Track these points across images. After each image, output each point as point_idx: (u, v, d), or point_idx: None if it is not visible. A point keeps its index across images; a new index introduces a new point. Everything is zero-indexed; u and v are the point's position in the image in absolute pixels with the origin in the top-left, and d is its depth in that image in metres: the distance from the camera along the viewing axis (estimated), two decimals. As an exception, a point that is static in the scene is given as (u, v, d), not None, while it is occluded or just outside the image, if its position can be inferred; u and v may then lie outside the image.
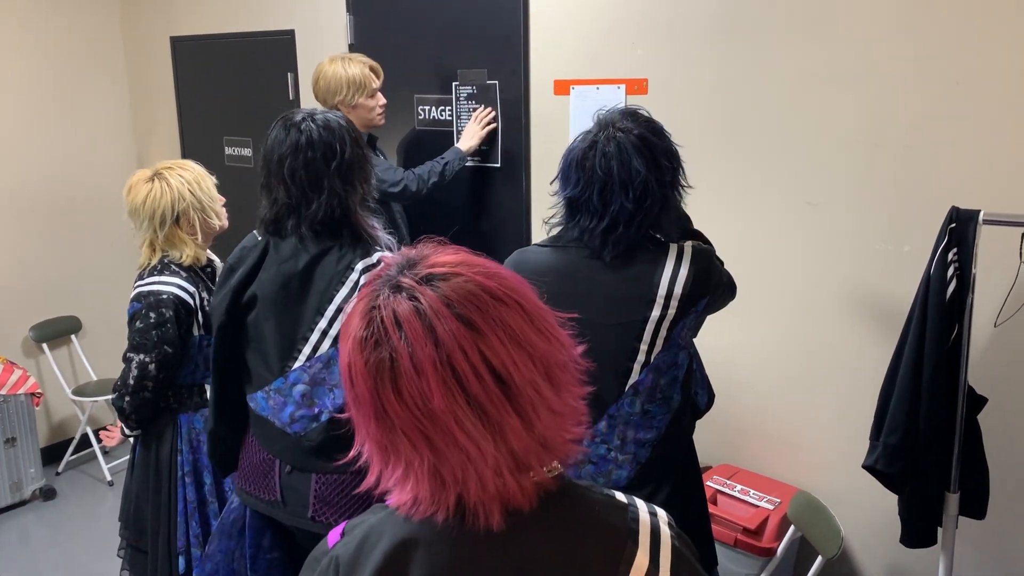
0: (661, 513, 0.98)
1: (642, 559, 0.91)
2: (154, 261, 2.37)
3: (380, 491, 0.92)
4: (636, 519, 0.95)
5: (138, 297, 2.31)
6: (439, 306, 0.84)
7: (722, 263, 1.91)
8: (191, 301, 2.34)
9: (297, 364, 1.94)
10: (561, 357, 0.90)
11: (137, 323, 2.29)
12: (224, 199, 2.51)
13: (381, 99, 3.04)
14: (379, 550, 0.92)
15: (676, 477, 1.90)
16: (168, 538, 2.42)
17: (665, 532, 0.95)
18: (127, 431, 2.43)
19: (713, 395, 2.09)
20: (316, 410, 1.94)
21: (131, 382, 2.29)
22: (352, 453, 0.93)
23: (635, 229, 1.75)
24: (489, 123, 3.15)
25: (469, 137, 3.12)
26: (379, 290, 0.88)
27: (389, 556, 0.91)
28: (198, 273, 2.42)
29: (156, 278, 2.33)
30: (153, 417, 2.40)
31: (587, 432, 0.97)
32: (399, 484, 0.91)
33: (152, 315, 2.27)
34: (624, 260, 1.79)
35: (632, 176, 1.71)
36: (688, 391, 1.90)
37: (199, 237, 2.41)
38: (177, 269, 2.36)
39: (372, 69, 3.00)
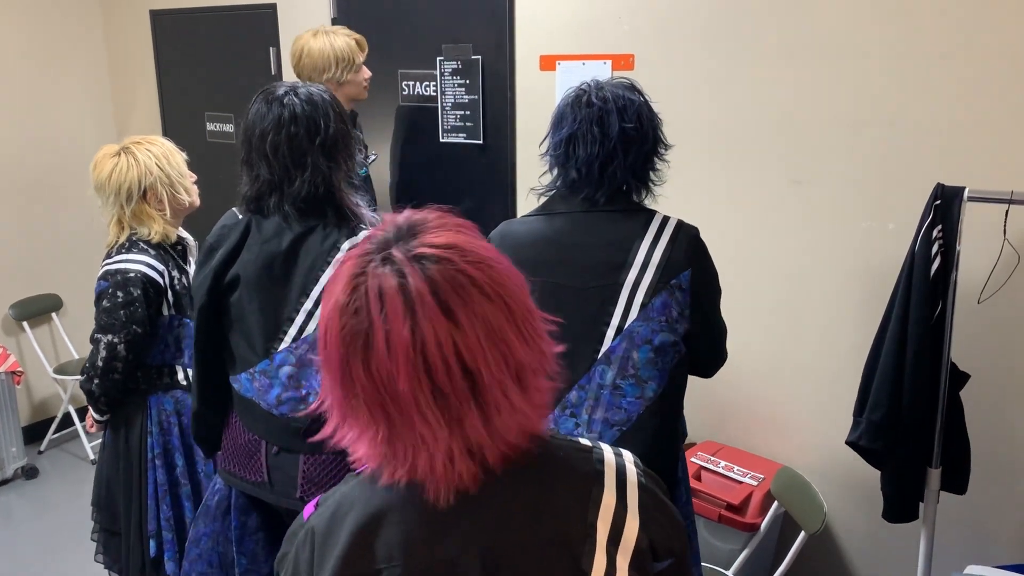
0: (627, 454, 1.00)
1: (609, 498, 0.93)
2: (122, 239, 2.31)
3: (335, 443, 0.94)
4: (601, 460, 0.96)
5: (105, 275, 2.25)
6: (424, 290, 0.83)
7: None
8: (160, 280, 2.29)
9: (283, 346, 1.91)
10: (535, 361, 0.90)
11: (104, 302, 2.23)
12: (195, 176, 2.44)
13: (366, 72, 2.98)
14: (351, 519, 0.93)
15: None
16: (140, 521, 2.38)
17: (631, 470, 0.97)
18: (96, 415, 2.38)
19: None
20: (303, 392, 1.91)
21: (100, 364, 2.24)
22: (313, 407, 0.95)
23: (632, 157, 1.77)
24: None
25: None
26: (370, 257, 0.87)
27: (362, 524, 0.92)
28: (168, 251, 2.36)
29: (124, 256, 2.27)
30: (123, 399, 2.35)
31: (553, 411, 0.97)
32: (355, 444, 0.92)
33: (120, 294, 2.22)
34: (611, 219, 1.79)
35: (628, 104, 1.78)
36: (673, 400, 1.84)
37: (168, 213, 2.34)
38: (145, 247, 2.30)
39: (357, 42, 2.92)
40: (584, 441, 0.99)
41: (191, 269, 2.44)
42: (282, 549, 1.00)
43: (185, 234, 2.49)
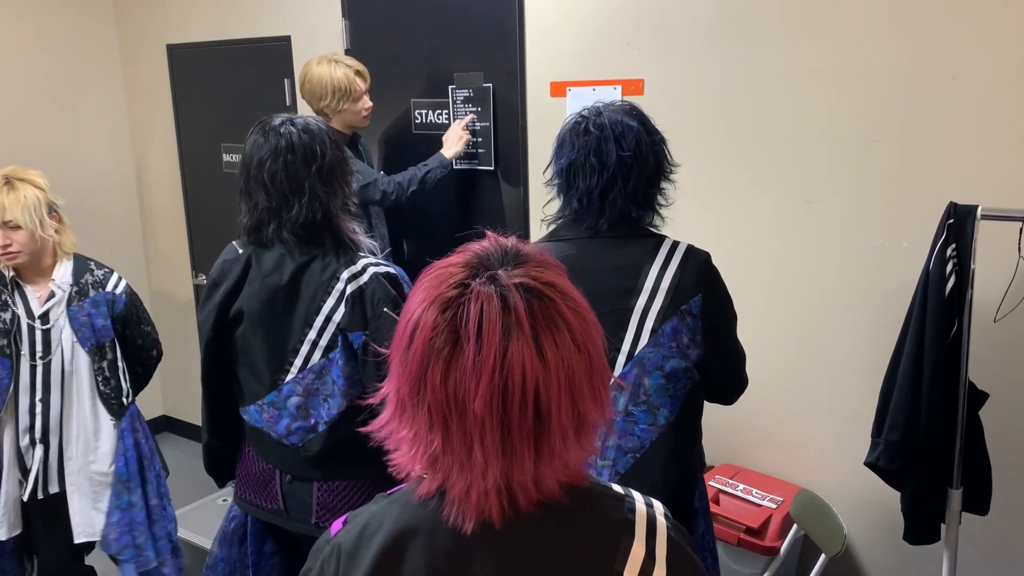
0: (657, 504, 0.99)
1: (639, 550, 0.91)
2: None
3: (379, 438, 0.93)
4: (632, 510, 0.95)
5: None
6: (524, 320, 0.84)
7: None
8: None
9: (290, 377, 1.94)
10: (597, 420, 0.90)
11: None
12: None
13: (366, 102, 3.00)
14: (379, 537, 0.93)
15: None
16: None
17: (661, 523, 0.96)
18: None
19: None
20: (312, 421, 1.94)
21: None
22: (378, 397, 0.93)
23: (633, 184, 1.76)
24: (468, 125, 3.17)
25: (454, 142, 3.10)
26: (476, 271, 0.87)
27: (388, 543, 0.92)
28: None
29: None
30: None
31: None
32: (401, 447, 0.91)
33: None
34: (618, 245, 1.79)
35: (625, 131, 1.77)
36: (687, 427, 1.83)
37: None
38: None
39: (359, 73, 2.95)
40: (617, 488, 0.99)
41: None
42: (306, 564, 1.01)
43: None
